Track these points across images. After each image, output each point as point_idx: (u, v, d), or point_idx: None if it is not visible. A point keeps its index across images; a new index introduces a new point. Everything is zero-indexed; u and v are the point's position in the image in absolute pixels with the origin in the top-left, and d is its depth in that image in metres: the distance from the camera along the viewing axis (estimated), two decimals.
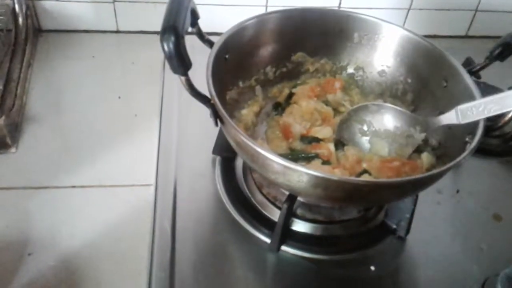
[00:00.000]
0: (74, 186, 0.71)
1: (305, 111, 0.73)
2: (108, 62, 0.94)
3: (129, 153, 0.77)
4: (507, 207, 0.76)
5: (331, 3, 1.03)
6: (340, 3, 1.03)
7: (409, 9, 1.06)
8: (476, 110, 0.59)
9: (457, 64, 0.68)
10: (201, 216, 0.69)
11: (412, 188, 0.59)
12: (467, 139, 0.61)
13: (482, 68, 0.81)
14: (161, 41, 0.53)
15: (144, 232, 0.66)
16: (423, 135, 0.68)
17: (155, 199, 0.70)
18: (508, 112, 0.61)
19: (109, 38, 1.00)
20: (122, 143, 0.78)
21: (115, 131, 0.80)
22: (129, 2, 0.97)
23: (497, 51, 0.76)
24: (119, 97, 0.86)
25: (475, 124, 0.60)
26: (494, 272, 0.62)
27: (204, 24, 0.68)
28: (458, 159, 0.55)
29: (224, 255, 0.65)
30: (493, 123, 0.63)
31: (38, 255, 0.63)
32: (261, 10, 1.00)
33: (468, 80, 0.66)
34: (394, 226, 0.68)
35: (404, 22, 1.08)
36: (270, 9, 1.00)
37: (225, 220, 0.69)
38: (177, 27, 0.53)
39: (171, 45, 0.53)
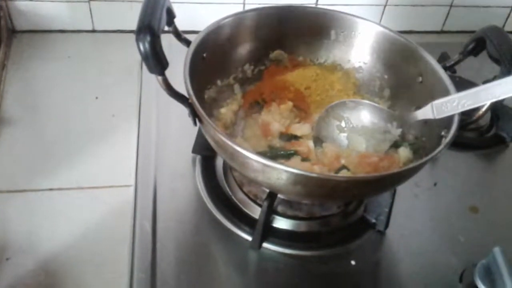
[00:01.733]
0: (51, 189, 0.70)
1: (284, 109, 0.73)
2: (84, 62, 0.92)
3: (107, 154, 0.76)
4: (484, 199, 0.77)
5: (309, 0, 1.03)
6: (317, 0, 1.04)
7: (385, 5, 1.08)
8: (451, 105, 0.60)
9: (432, 59, 0.69)
10: (181, 216, 0.69)
11: (390, 182, 0.60)
12: (442, 133, 0.62)
13: (457, 63, 0.83)
14: (137, 41, 0.53)
15: (125, 233, 0.66)
16: (399, 131, 0.69)
17: (135, 200, 0.69)
18: (482, 106, 0.63)
19: (85, 38, 0.98)
20: (100, 144, 0.77)
21: (92, 132, 0.79)
22: (105, 1, 0.96)
23: (470, 47, 0.77)
24: (96, 98, 0.85)
25: (450, 119, 0.61)
26: (472, 262, 0.64)
27: (182, 22, 0.68)
28: (433, 153, 0.56)
29: (206, 254, 0.65)
30: (467, 117, 0.64)
31: (16, 260, 0.62)
32: (239, 8, 1.00)
33: (443, 75, 0.67)
34: (374, 220, 0.69)
35: (381, 18, 1.10)
36: (247, 7, 1.00)
37: (206, 219, 0.68)
38: (153, 27, 0.53)
39: (147, 45, 0.52)
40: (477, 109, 0.63)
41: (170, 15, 0.63)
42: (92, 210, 0.68)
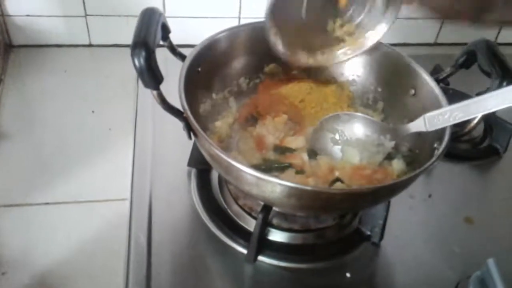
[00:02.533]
0: (47, 203, 0.70)
1: (278, 122, 0.74)
2: (81, 76, 0.93)
3: (103, 167, 0.76)
4: (478, 210, 0.77)
5: None
6: None
7: None
8: (442, 117, 0.61)
9: (424, 72, 0.70)
10: (177, 229, 0.69)
11: (384, 194, 0.61)
12: (435, 145, 0.63)
13: (449, 76, 0.84)
14: (132, 56, 0.53)
15: (120, 247, 0.66)
16: (392, 143, 0.70)
17: (131, 213, 0.69)
18: (474, 118, 0.64)
19: (82, 52, 0.99)
20: (96, 158, 0.78)
21: (89, 146, 0.79)
22: (102, 16, 0.97)
23: (461, 60, 0.78)
24: (93, 112, 0.86)
25: (442, 131, 0.62)
26: (467, 274, 0.64)
27: (178, 37, 0.69)
28: (426, 165, 0.57)
29: (201, 267, 0.65)
30: (460, 129, 0.65)
31: (12, 274, 0.62)
32: (234, 22, 1.01)
33: (435, 88, 0.68)
34: (368, 233, 0.69)
35: None
36: (243, 21, 1.01)
37: (202, 233, 0.69)
38: (148, 42, 0.54)
39: (142, 60, 0.53)
40: (469, 121, 0.64)
41: (165, 30, 0.64)
42: (88, 223, 0.68)
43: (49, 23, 0.96)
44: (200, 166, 0.75)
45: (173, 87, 0.61)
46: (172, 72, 0.62)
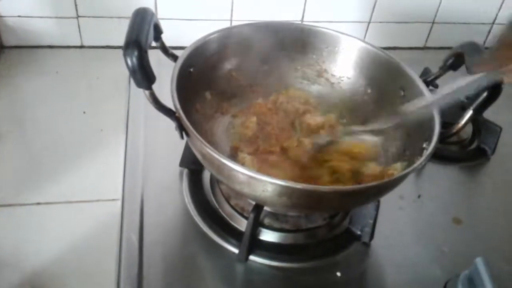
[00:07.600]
0: (39, 203, 0.70)
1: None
2: (73, 77, 0.93)
3: (95, 168, 0.76)
4: (466, 211, 0.78)
5: (295, 17, 1.06)
6: (303, 17, 1.06)
7: (369, 22, 1.10)
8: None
9: (413, 74, 0.71)
10: (169, 230, 0.69)
11: (373, 193, 0.61)
12: (424, 145, 0.63)
13: (437, 77, 0.85)
14: (124, 55, 0.54)
15: (112, 247, 0.66)
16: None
17: (122, 213, 0.70)
18: (462, 120, 0.65)
19: (74, 53, 0.99)
20: (88, 158, 0.77)
21: (80, 147, 0.79)
22: (93, 17, 0.97)
23: (449, 62, 0.79)
24: (84, 112, 0.86)
25: (431, 132, 0.62)
26: (455, 273, 0.64)
27: (171, 38, 0.69)
28: (415, 165, 0.57)
29: (193, 267, 0.65)
30: (448, 130, 0.66)
31: (3, 274, 0.61)
32: (226, 24, 1.02)
33: (424, 88, 0.69)
34: (359, 232, 0.70)
35: (365, 34, 1.12)
36: (235, 23, 1.02)
37: (193, 233, 0.69)
38: (140, 42, 0.54)
39: (134, 60, 0.53)
40: (456, 122, 0.65)
41: (157, 30, 0.64)
42: (80, 224, 0.68)
43: (41, 24, 0.96)
44: (192, 166, 0.75)
45: (165, 89, 0.61)
46: (165, 74, 0.63)
